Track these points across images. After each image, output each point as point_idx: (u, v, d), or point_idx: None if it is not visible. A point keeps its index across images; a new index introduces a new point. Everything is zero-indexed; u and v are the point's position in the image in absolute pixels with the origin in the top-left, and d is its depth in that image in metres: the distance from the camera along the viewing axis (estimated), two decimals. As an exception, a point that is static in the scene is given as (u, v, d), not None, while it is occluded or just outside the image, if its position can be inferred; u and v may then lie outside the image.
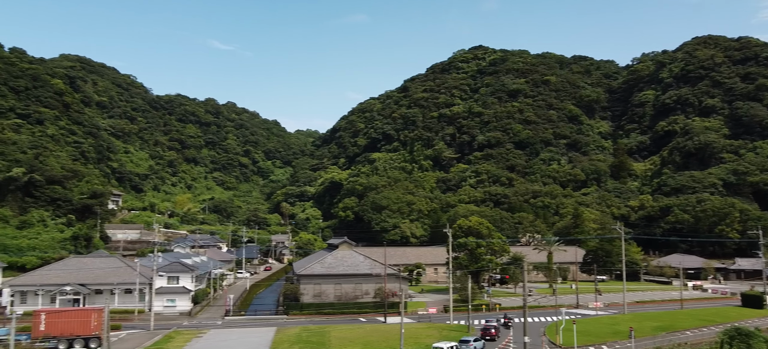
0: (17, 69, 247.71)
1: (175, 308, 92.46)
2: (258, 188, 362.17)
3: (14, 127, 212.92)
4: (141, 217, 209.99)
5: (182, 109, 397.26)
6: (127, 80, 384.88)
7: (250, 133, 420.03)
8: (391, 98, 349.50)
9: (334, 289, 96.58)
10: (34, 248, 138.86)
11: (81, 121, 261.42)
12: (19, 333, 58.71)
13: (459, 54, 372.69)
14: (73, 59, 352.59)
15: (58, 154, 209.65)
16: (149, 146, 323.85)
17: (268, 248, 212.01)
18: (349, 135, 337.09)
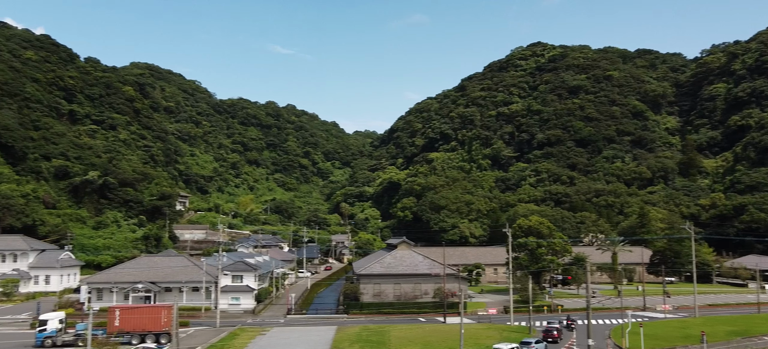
0: (92, 78, 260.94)
1: (240, 306, 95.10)
2: (318, 189, 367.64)
3: (90, 133, 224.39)
4: (206, 217, 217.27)
5: (244, 112, 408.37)
6: (193, 86, 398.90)
7: (310, 134, 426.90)
8: (449, 97, 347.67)
9: (393, 289, 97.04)
10: (108, 247, 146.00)
11: (150, 125, 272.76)
12: (95, 328, 61.78)
13: (517, 51, 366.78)
14: (143, 67, 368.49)
15: (129, 158, 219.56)
16: (213, 149, 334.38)
17: (328, 248, 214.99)
18: (407, 135, 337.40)
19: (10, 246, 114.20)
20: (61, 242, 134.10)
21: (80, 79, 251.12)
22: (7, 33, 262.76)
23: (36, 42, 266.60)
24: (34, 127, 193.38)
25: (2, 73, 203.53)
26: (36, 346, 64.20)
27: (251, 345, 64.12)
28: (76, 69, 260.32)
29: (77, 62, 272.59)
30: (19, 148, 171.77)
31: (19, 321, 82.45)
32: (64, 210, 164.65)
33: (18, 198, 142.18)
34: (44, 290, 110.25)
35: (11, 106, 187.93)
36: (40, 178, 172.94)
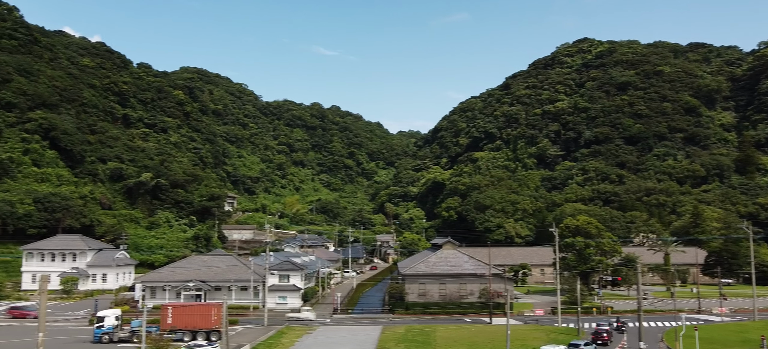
0: (144, 82, 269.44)
1: (287, 305, 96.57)
2: (362, 189, 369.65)
3: (143, 136, 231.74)
4: (254, 218, 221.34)
5: (290, 114, 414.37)
6: (240, 89, 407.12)
7: (354, 135, 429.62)
8: (493, 96, 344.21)
9: (438, 289, 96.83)
10: (161, 247, 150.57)
11: (199, 128, 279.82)
12: (149, 325, 63.84)
13: (563, 48, 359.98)
14: (192, 71, 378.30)
15: (180, 160, 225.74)
16: (260, 151, 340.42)
17: (373, 248, 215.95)
18: (451, 135, 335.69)
19: (70, 246, 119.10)
20: (117, 241, 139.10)
21: (133, 84, 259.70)
22: (65, 41, 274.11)
23: (92, 49, 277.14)
24: (91, 131, 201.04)
25: (61, 79, 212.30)
26: (94, 341, 66.85)
27: (298, 344, 65.07)
28: (129, 74, 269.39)
29: (130, 68, 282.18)
30: (78, 152, 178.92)
31: (78, 318, 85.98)
32: (119, 211, 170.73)
33: (76, 199, 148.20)
34: (101, 288, 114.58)
35: (70, 112, 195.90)
36: (96, 180, 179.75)
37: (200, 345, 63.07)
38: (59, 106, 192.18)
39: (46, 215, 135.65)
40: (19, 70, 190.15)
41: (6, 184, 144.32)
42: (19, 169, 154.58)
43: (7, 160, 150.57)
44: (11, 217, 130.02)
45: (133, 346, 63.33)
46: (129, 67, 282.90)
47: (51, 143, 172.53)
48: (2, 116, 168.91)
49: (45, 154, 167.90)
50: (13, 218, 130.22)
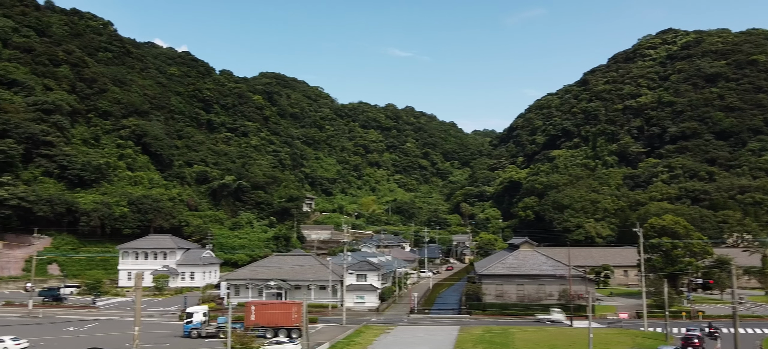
0: (226, 89, 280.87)
1: (364, 305, 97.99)
2: (438, 189, 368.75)
3: (225, 140, 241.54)
4: (331, 218, 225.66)
5: (365, 115, 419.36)
6: (316, 92, 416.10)
7: (429, 135, 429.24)
8: (570, 93, 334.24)
9: (516, 289, 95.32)
10: (243, 246, 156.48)
11: (278, 131, 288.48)
12: (234, 322, 66.52)
13: (645, 40, 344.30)
14: (270, 76, 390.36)
15: (260, 163, 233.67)
16: (336, 152, 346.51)
17: (449, 248, 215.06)
18: (527, 133, 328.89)
19: (161, 245, 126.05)
20: (203, 241, 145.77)
21: (216, 91, 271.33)
22: (154, 52, 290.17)
23: (178, 58, 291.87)
24: (178, 136, 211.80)
25: (151, 88, 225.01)
26: (184, 336, 70.49)
27: (376, 343, 65.89)
28: (212, 81, 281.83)
29: (213, 75, 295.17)
30: (166, 156, 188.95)
31: (169, 313, 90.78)
32: (204, 212, 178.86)
33: (166, 201, 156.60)
34: (189, 285, 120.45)
35: (159, 118, 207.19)
36: (184, 182, 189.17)
37: (282, 342, 65.10)
38: (150, 114, 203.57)
39: (139, 216, 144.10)
40: (114, 81, 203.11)
41: (104, 187, 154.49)
42: (115, 173, 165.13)
43: (105, 165, 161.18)
44: (108, 218, 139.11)
45: (219, 341, 66.11)
46: (212, 74, 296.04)
47: (143, 148, 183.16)
48: (100, 124, 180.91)
49: (137, 158, 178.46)
50: (110, 219, 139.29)
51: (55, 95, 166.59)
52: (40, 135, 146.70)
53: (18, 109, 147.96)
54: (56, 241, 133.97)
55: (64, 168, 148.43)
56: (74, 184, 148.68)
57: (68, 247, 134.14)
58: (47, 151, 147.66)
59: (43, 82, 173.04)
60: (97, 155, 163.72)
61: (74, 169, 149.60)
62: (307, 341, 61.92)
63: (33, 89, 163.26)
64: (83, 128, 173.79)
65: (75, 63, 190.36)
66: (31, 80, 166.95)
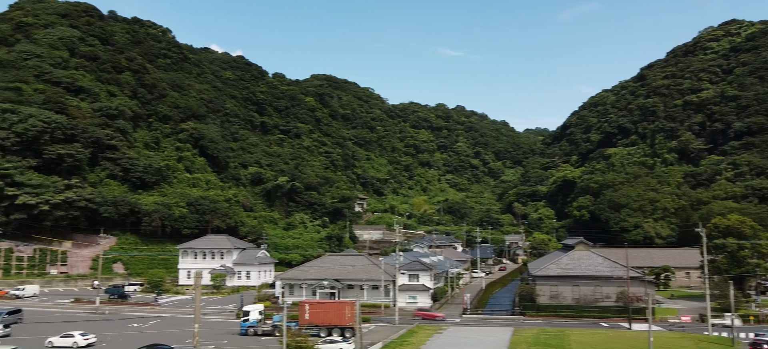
0: (279, 91, 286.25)
1: (416, 304, 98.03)
2: (489, 189, 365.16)
3: (278, 142, 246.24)
4: (383, 218, 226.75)
5: (415, 116, 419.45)
6: (366, 93, 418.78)
7: (480, 135, 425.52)
8: (626, 89, 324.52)
9: (571, 291, 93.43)
10: (297, 246, 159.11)
11: (330, 133, 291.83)
12: (288, 320, 67.85)
13: (706, 33, 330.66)
14: (322, 78, 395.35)
15: (312, 164, 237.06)
16: (387, 153, 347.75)
17: (502, 248, 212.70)
18: (581, 131, 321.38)
19: (218, 245, 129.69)
20: (258, 241, 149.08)
21: (269, 93, 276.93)
22: (210, 57, 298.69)
23: (233, 63, 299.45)
24: (234, 138, 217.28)
25: (207, 92, 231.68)
26: (240, 334, 72.37)
27: (429, 343, 65.91)
28: (265, 84, 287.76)
29: (266, 78, 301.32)
30: (222, 158, 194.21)
31: (226, 311, 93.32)
32: (259, 212, 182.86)
33: (222, 202, 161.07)
34: (245, 284, 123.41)
35: (215, 121, 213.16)
36: (239, 184, 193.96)
37: (335, 341, 65.97)
38: (206, 117, 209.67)
39: (197, 217, 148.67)
40: (172, 86, 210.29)
41: (164, 188, 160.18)
42: (174, 175, 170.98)
43: (165, 167, 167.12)
44: (169, 218, 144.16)
45: (275, 339, 67.50)
46: (265, 77, 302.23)
47: (200, 151, 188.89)
48: (160, 128, 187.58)
49: (195, 161, 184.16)
50: (170, 220, 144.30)
51: (119, 101, 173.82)
52: (105, 139, 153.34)
53: (85, 115, 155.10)
54: (120, 241, 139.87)
55: (128, 171, 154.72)
56: (137, 186, 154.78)
57: (131, 246, 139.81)
58: (112, 154, 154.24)
59: (107, 88, 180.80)
60: (157, 158, 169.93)
61: (136, 171, 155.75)
62: (361, 340, 62.58)
63: (98, 95, 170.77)
64: (144, 132, 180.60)
65: (136, 69, 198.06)
66: (97, 87, 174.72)
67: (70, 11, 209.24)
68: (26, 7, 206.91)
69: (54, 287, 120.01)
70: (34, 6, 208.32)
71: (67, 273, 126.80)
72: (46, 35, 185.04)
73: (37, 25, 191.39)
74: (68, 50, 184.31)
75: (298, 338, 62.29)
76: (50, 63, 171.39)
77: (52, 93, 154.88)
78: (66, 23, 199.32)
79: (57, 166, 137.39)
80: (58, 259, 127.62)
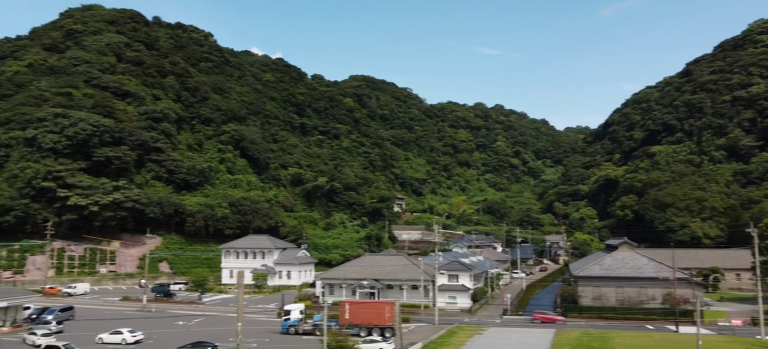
0: (318, 93, 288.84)
1: (456, 305, 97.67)
2: (529, 188, 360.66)
3: (318, 143, 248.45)
4: (421, 218, 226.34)
5: (453, 115, 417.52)
6: (405, 93, 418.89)
7: (519, 134, 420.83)
8: (671, 85, 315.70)
9: (615, 292, 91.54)
10: (337, 246, 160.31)
11: (368, 133, 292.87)
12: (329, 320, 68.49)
13: (756, 25, 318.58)
14: (360, 79, 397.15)
15: (351, 164, 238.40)
16: (426, 152, 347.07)
17: (543, 249, 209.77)
18: (624, 129, 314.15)
19: (259, 245, 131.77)
20: (298, 241, 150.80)
21: (308, 95, 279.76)
22: (250, 60, 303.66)
23: (272, 65, 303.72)
24: (274, 140, 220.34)
25: (248, 94, 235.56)
26: (282, 332, 73.45)
27: (469, 344, 65.58)
28: (304, 86, 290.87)
29: (305, 80, 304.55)
30: (263, 159, 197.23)
31: (268, 310, 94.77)
32: (299, 213, 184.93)
33: (263, 203, 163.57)
34: (286, 283, 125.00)
35: (256, 123, 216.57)
36: (279, 184, 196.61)
37: (375, 341, 66.29)
38: (247, 119, 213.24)
39: (239, 217, 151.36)
40: (214, 89, 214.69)
41: (207, 189, 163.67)
42: (216, 176, 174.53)
43: (207, 169, 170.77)
44: (212, 218, 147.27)
45: (315, 339, 68.24)
46: (304, 79, 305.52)
47: (241, 152, 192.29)
48: (202, 130, 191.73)
49: (237, 162, 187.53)
50: (213, 220, 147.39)
51: (163, 104, 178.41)
52: (150, 142, 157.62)
53: (131, 118, 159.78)
54: (166, 240, 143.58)
55: (172, 172, 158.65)
56: (181, 187, 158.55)
57: (176, 246, 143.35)
58: (157, 156, 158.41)
59: (152, 92, 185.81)
60: (200, 160, 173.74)
61: (180, 173, 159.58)
62: (401, 340, 62.71)
63: (143, 99, 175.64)
64: (188, 134, 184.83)
65: (180, 73, 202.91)
66: (142, 91, 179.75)
67: (116, 18, 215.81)
68: (76, 14, 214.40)
69: (103, 285, 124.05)
70: (83, 13, 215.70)
71: (116, 272, 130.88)
72: (94, 42, 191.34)
73: (86, 32, 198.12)
74: (115, 56, 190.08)
75: (339, 337, 62.82)
76: (98, 68, 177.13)
77: (100, 97, 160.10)
78: (113, 30, 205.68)
79: (105, 169, 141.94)
80: (107, 258, 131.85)
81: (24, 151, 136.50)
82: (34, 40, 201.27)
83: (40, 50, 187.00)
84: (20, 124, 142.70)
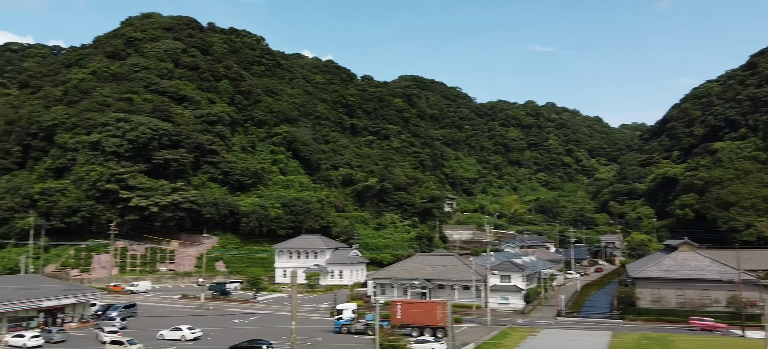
0: (367, 94, 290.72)
1: (508, 306, 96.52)
2: (583, 187, 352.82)
3: (368, 143, 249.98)
4: (472, 218, 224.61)
5: (504, 114, 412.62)
6: (454, 92, 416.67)
7: (572, 131, 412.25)
8: (734, 78, 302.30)
9: (675, 294, 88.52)
10: (387, 246, 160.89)
11: (418, 133, 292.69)
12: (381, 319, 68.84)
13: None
14: (409, 79, 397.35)
15: (401, 164, 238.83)
16: (476, 152, 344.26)
17: (598, 249, 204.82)
18: (683, 125, 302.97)
19: (312, 245, 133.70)
20: (350, 241, 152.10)
21: (358, 96, 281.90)
22: (301, 62, 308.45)
23: (323, 67, 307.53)
24: (325, 141, 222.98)
25: (300, 96, 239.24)
26: (334, 332, 74.31)
27: (523, 345, 64.82)
28: (354, 87, 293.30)
29: (355, 81, 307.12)
30: (314, 160, 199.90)
31: (321, 309, 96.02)
32: (350, 213, 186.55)
33: (315, 203, 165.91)
34: (338, 283, 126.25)
35: (307, 125, 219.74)
36: (331, 185, 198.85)
37: (427, 341, 66.32)
38: (298, 121, 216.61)
39: (291, 217, 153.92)
40: (266, 92, 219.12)
41: (260, 190, 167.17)
42: (269, 177, 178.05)
43: (261, 170, 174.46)
44: (265, 219, 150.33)
45: (368, 338, 68.73)
46: (354, 80, 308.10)
47: (293, 154, 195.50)
48: (255, 132, 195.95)
49: (289, 163, 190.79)
50: (266, 220, 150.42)
51: (218, 107, 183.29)
52: (206, 144, 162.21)
53: (188, 122, 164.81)
54: (221, 240, 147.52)
55: (227, 174, 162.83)
56: (235, 188, 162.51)
57: (231, 246, 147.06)
58: (212, 158, 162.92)
59: (207, 96, 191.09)
60: (253, 161, 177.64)
61: (235, 174, 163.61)
62: (453, 340, 62.46)
63: (199, 103, 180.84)
64: (241, 137, 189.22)
65: (233, 77, 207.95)
66: (198, 95, 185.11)
67: (173, 25, 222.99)
68: (135, 23, 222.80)
69: (163, 283, 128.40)
70: (142, 22, 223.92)
71: (175, 270, 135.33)
72: (153, 48, 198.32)
73: (145, 40, 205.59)
74: (172, 61, 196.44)
75: (391, 336, 63.11)
76: (157, 74, 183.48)
77: (158, 102, 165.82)
78: (170, 36, 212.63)
79: (164, 171, 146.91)
80: (166, 257, 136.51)
81: (89, 155, 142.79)
82: (98, 48, 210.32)
83: (103, 58, 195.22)
84: (85, 129, 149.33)
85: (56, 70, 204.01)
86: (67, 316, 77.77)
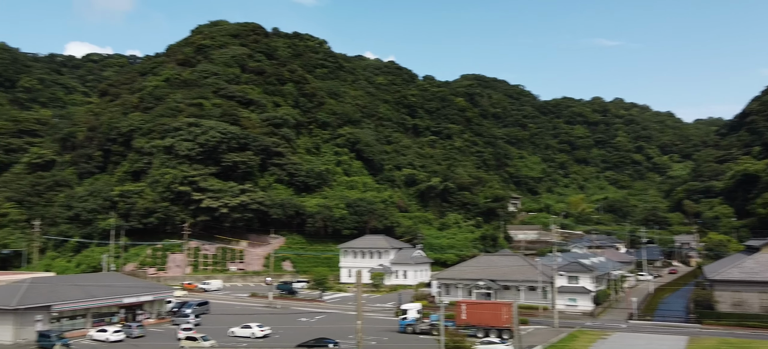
0: (429, 94, 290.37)
1: (576, 308, 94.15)
2: (654, 186, 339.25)
3: (430, 144, 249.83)
4: (537, 218, 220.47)
5: (569, 111, 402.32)
6: (517, 90, 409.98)
7: (642, 128, 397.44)
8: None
9: (758, 298, 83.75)
10: (451, 246, 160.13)
11: (480, 132, 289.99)
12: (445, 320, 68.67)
13: None
14: (470, 78, 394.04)
15: (464, 164, 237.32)
16: (541, 150, 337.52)
17: (671, 250, 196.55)
18: (764, 119, 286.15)
19: (376, 245, 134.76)
20: (413, 241, 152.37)
21: (420, 96, 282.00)
22: (363, 64, 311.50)
23: (384, 68, 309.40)
24: (387, 141, 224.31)
25: (362, 97, 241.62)
26: (399, 331, 74.69)
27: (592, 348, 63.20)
28: (416, 87, 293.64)
29: (417, 81, 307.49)
30: (377, 161, 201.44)
31: (385, 309, 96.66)
32: (414, 213, 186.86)
33: (379, 204, 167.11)
34: (402, 283, 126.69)
35: (369, 126, 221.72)
36: (394, 185, 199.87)
37: (493, 342, 65.64)
38: (361, 122, 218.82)
39: (356, 218, 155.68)
40: (329, 94, 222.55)
41: (325, 191, 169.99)
42: (333, 178, 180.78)
43: (325, 171, 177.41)
44: (330, 219, 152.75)
45: (432, 338, 68.73)
46: (415, 81, 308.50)
47: (357, 155, 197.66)
48: (319, 134, 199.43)
49: (352, 164, 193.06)
50: (331, 221, 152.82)
51: (283, 110, 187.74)
52: (272, 147, 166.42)
53: (254, 125, 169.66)
54: (288, 240, 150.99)
55: (292, 175, 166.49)
56: (300, 189, 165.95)
57: (298, 246, 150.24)
58: (278, 160, 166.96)
59: (273, 99, 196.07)
60: (318, 163, 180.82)
61: (300, 176, 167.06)
62: (519, 342, 61.66)
63: (265, 107, 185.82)
64: (306, 139, 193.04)
65: (297, 80, 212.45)
66: (264, 99, 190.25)
67: (240, 31, 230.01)
68: (204, 31, 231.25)
69: (233, 282, 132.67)
70: (211, 29, 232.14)
71: (244, 270, 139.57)
72: (221, 55, 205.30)
73: (213, 46, 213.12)
74: (239, 67, 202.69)
75: (456, 337, 62.92)
76: (225, 79, 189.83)
77: (227, 107, 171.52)
78: (237, 43, 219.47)
79: (232, 173, 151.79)
80: (236, 257, 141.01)
81: (163, 158, 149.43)
82: (170, 56, 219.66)
83: (175, 65, 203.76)
84: (160, 133, 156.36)
85: (133, 78, 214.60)
86: (145, 312, 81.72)
